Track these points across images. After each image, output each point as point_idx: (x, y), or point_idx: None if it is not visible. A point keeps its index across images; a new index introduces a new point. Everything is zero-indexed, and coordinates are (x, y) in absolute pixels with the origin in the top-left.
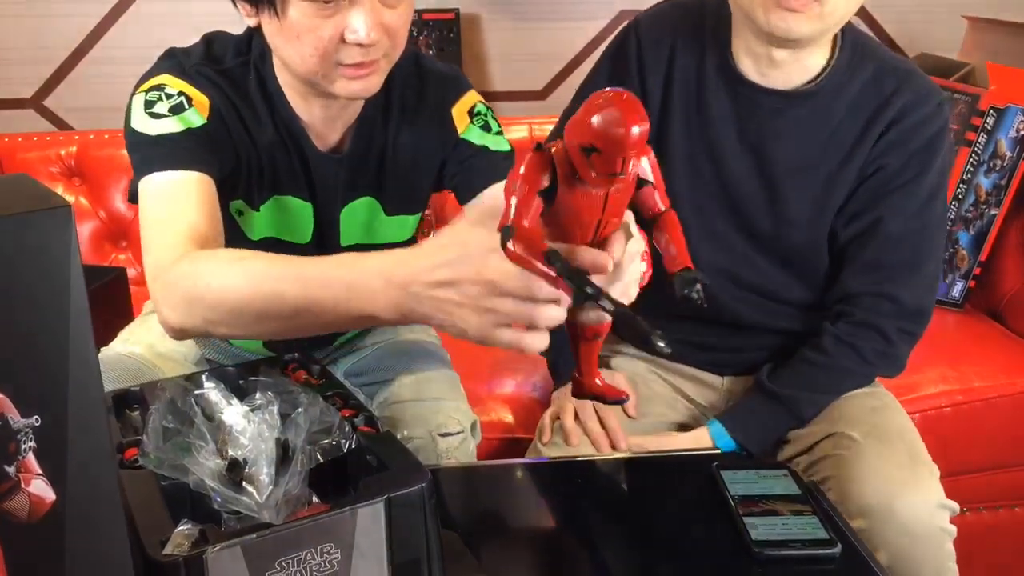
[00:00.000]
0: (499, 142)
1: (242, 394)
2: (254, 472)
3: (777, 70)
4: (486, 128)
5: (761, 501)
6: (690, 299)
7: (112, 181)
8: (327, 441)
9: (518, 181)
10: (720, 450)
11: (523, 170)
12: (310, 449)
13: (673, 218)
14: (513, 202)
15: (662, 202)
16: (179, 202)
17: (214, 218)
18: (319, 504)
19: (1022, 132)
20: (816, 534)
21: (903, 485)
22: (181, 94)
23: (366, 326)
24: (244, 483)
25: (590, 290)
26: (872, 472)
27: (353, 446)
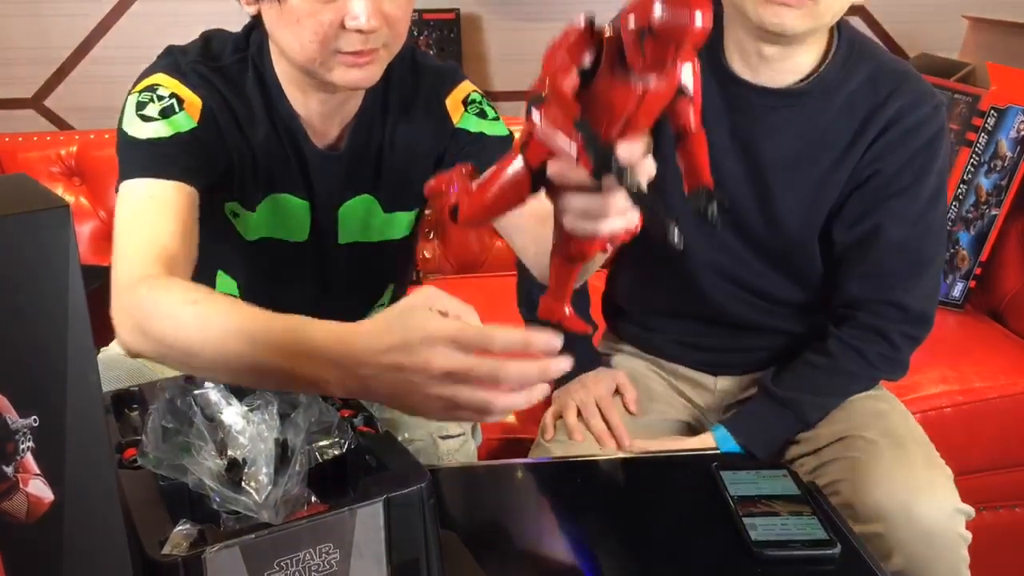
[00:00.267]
0: (496, 127)
1: (241, 394)
2: (253, 472)
3: (767, 67)
4: (482, 115)
5: (761, 501)
6: (704, 216)
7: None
8: (326, 441)
9: (560, 51)
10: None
11: (569, 41)
12: (309, 449)
13: (702, 140)
14: (551, 70)
15: (695, 120)
16: (153, 216)
17: (187, 235)
18: (318, 504)
19: (1023, 132)
20: (815, 534)
21: (921, 489)
22: (173, 95)
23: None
24: (243, 483)
25: (615, 166)
26: (888, 475)
27: (352, 446)
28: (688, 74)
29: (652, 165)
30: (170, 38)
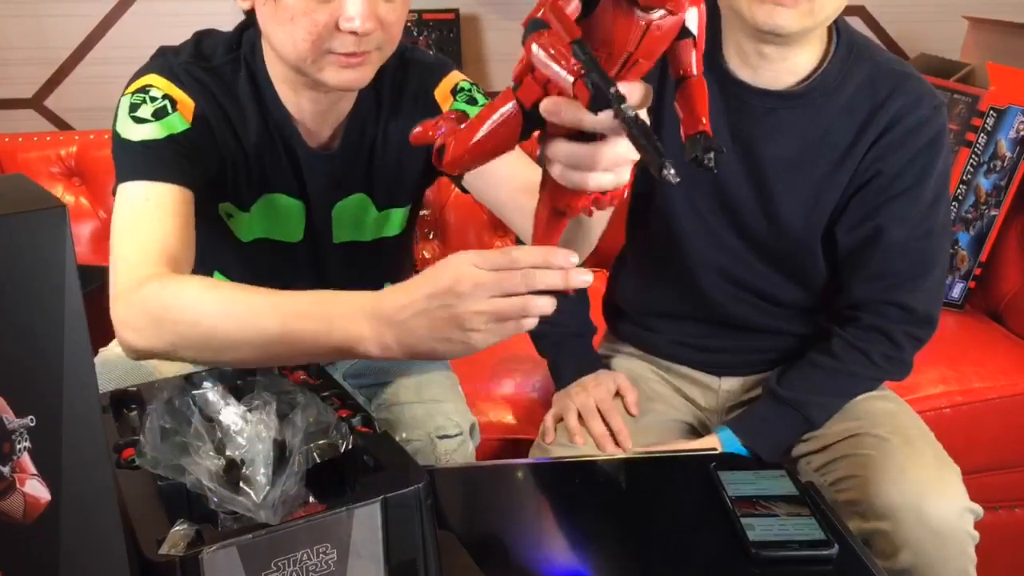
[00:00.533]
0: None
1: (240, 394)
2: (251, 472)
3: (766, 68)
4: (472, 102)
5: (758, 502)
6: (700, 163)
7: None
8: (324, 441)
9: None
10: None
11: None
12: (307, 449)
13: (702, 84)
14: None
15: (696, 64)
16: (152, 218)
17: (186, 236)
18: (316, 504)
19: (1022, 133)
20: (813, 535)
21: (932, 487)
22: (166, 97)
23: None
24: (241, 483)
25: (613, 91)
26: (899, 473)
27: (350, 446)
28: (693, 16)
29: (647, 92)
30: (169, 38)
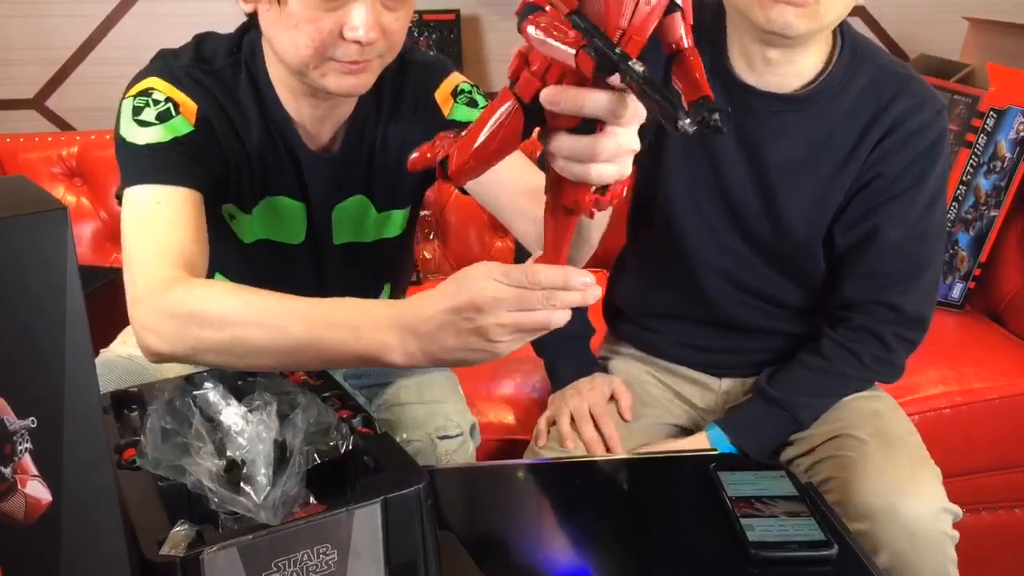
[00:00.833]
0: None
1: (240, 395)
2: (252, 473)
3: (772, 71)
4: (472, 104)
5: (758, 502)
6: (707, 125)
7: (113, 182)
8: (324, 442)
9: None
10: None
11: None
12: (308, 450)
13: (695, 53)
14: None
15: (687, 36)
16: (164, 221)
17: (200, 238)
18: (316, 505)
19: (1022, 133)
20: (813, 535)
21: (906, 487)
22: (169, 100)
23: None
24: (242, 484)
25: (618, 51)
26: (876, 474)
27: (350, 447)
28: None
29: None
30: (171, 39)
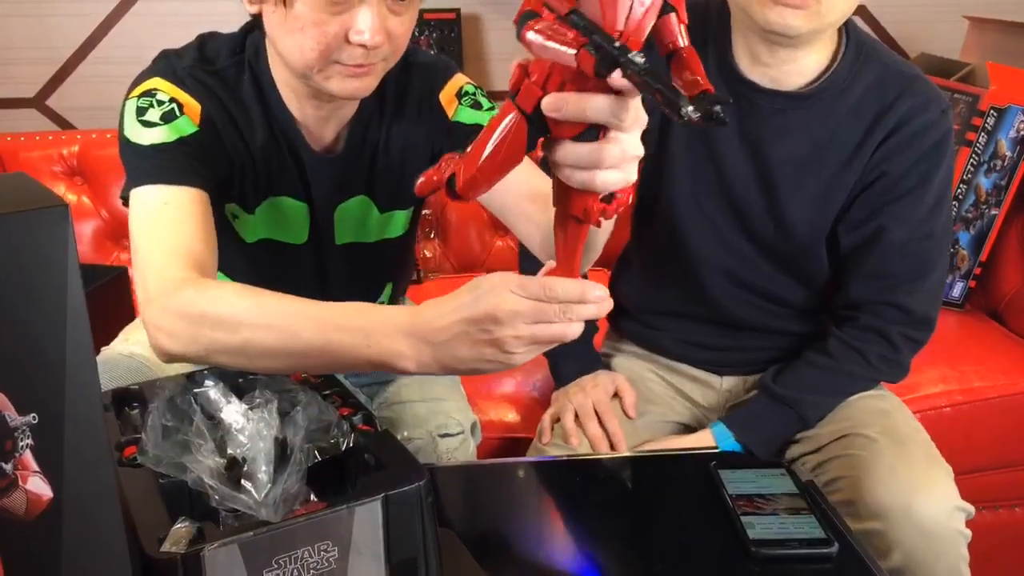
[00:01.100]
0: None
1: (241, 392)
2: (252, 470)
3: (776, 70)
4: (476, 106)
5: (759, 500)
6: (711, 117)
7: (114, 180)
8: (325, 439)
9: None
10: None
11: None
12: (308, 447)
13: (692, 52)
14: None
15: (683, 36)
16: (173, 221)
17: (208, 237)
18: (317, 502)
19: (1022, 132)
20: (813, 533)
21: (921, 486)
22: (173, 100)
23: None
24: (242, 481)
25: (618, 45)
26: (890, 472)
27: (351, 444)
28: None
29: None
30: (172, 38)
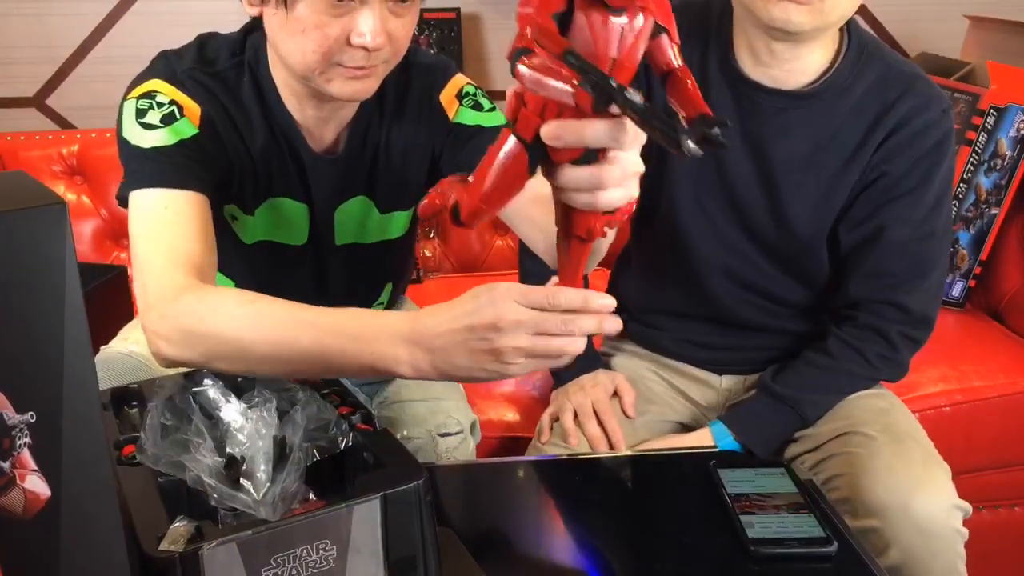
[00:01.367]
0: (493, 118)
1: (240, 392)
2: (251, 469)
3: (778, 68)
4: (477, 107)
5: (757, 499)
6: (709, 140)
7: (114, 180)
8: (324, 438)
9: (531, 3)
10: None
11: None
12: (307, 446)
13: (688, 73)
14: (528, 20)
15: (677, 56)
16: (172, 225)
17: (208, 241)
18: (315, 501)
19: (1022, 131)
20: (812, 532)
21: (919, 484)
22: (172, 102)
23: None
24: (241, 480)
25: (614, 84)
26: (887, 470)
27: (350, 443)
28: (662, 11)
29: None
30: (172, 37)
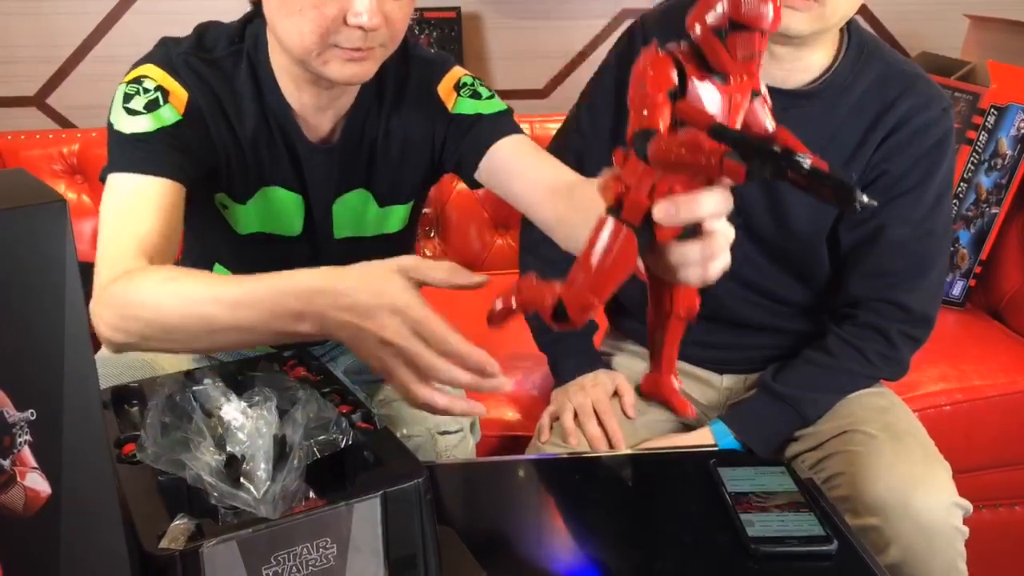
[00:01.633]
0: (492, 105)
1: (241, 390)
2: (251, 468)
3: (778, 68)
4: (475, 96)
5: (757, 497)
6: (845, 187)
7: None
8: (324, 437)
9: (645, 82)
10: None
11: (649, 71)
12: (307, 445)
13: (787, 132)
14: (644, 106)
15: (771, 119)
16: (135, 211)
17: (168, 230)
18: (316, 499)
19: (1023, 131)
20: (812, 531)
21: (919, 482)
22: (159, 88)
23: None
24: (241, 479)
25: (778, 149)
26: (887, 469)
27: (350, 442)
28: (756, 74)
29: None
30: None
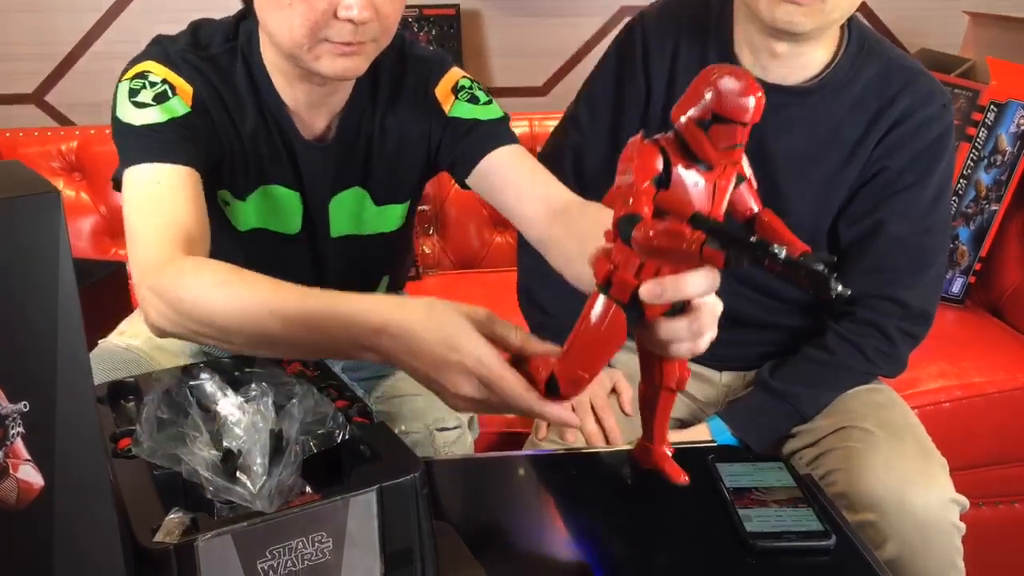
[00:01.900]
0: (490, 111)
1: (237, 385)
2: (248, 462)
3: (778, 64)
4: (473, 100)
5: (756, 493)
6: (833, 269)
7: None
8: (321, 431)
9: (632, 169)
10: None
11: (635, 159)
12: (304, 440)
13: (771, 214)
14: (630, 193)
15: (756, 201)
16: (164, 198)
17: (199, 214)
18: (312, 494)
19: (1022, 127)
20: (810, 526)
21: (915, 478)
22: (164, 82)
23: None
24: (238, 473)
25: (754, 239)
26: (884, 465)
27: (346, 436)
28: (744, 162)
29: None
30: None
